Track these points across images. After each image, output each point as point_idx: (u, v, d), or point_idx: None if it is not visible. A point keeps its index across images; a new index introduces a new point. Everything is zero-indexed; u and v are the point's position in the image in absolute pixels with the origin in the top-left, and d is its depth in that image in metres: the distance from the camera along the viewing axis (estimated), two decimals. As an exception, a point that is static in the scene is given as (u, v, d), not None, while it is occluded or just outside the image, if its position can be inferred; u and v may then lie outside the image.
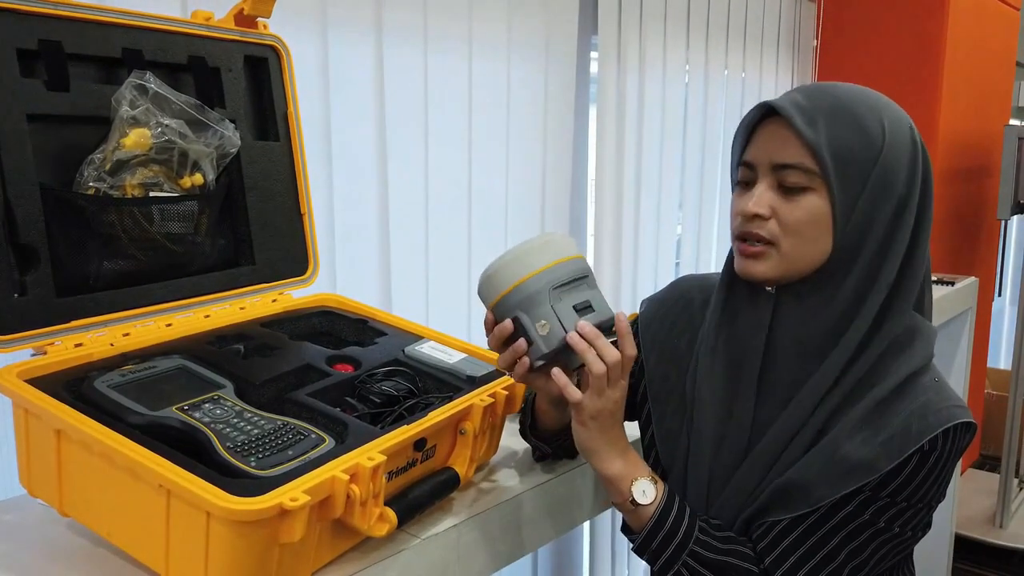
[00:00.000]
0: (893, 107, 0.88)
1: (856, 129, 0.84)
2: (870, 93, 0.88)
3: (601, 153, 2.03)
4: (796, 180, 0.85)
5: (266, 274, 1.11)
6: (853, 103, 0.85)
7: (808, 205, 0.84)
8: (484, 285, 0.88)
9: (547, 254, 0.86)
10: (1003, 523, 3.08)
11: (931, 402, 0.85)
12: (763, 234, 0.86)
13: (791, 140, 0.85)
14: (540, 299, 0.84)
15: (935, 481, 0.84)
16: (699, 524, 0.88)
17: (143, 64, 0.97)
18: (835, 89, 0.87)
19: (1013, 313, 3.59)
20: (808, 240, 0.85)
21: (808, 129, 0.83)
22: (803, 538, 0.85)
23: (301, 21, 1.36)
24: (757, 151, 0.88)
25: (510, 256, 0.86)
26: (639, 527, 0.88)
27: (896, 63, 2.83)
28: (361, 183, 1.50)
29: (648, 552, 0.87)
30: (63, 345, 0.89)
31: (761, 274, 0.87)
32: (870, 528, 0.84)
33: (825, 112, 0.84)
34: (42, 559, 0.82)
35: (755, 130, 0.89)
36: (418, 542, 0.86)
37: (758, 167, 0.88)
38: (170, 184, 0.98)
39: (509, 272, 0.86)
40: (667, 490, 0.89)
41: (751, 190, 0.88)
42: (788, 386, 0.88)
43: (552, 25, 1.83)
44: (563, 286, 0.85)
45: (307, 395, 0.89)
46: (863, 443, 0.83)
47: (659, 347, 1.00)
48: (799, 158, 0.84)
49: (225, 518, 0.68)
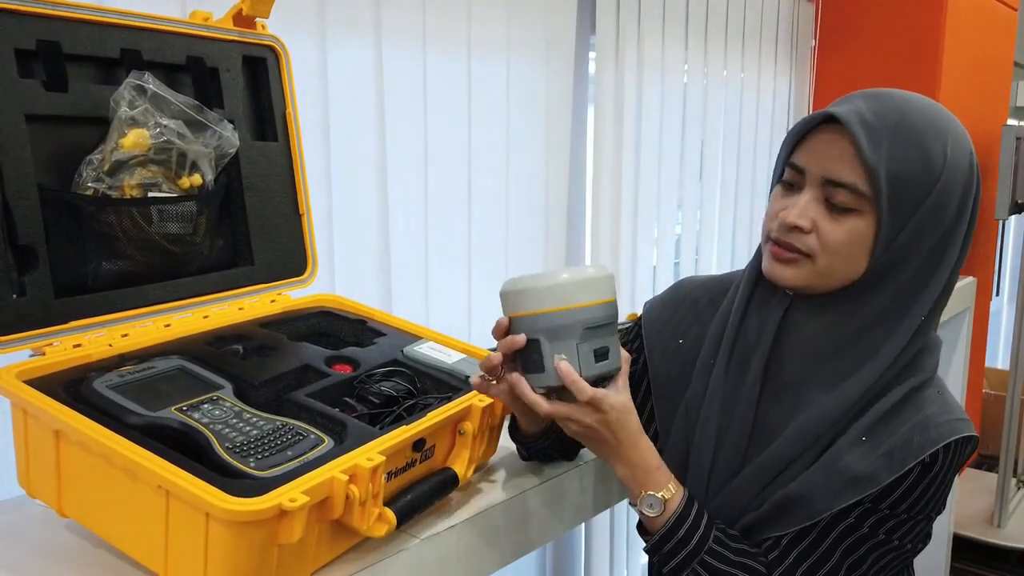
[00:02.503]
0: (957, 129, 0.84)
1: (918, 154, 0.80)
2: (937, 111, 0.84)
3: (599, 153, 2.03)
4: (844, 200, 0.82)
5: (265, 275, 1.11)
6: (920, 123, 0.81)
7: (852, 227, 0.82)
8: (515, 296, 0.85)
9: (592, 291, 0.83)
10: (1001, 523, 3.09)
11: (934, 415, 0.84)
12: (800, 247, 0.84)
13: (849, 156, 0.81)
14: (569, 334, 0.82)
15: (935, 493, 0.84)
16: (714, 534, 0.87)
17: (141, 64, 0.97)
18: (903, 103, 0.83)
19: (1011, 313, 3.59)
20: (844, 260, 0.84)
21: (870, 150, 0.80)
22: (807, 552, 0.85)
23: (300, 21, 1.36)
24: (810, 157, 0.84)
25: (552, 280, 0.83)
26: (652, 530, 0.88)
27: (894, 63, 2.84)
28: (360, 183, 1.50)
29: (659, 555, 0.88)
30: (62, 346, 0.89)
31: (790, 280, 0.86)
32: (871, 540, 0.84)
33: (890, 131, 0.80)
34: (41, 560, 0.81)
35: (812, 131, 0.85)
36: (417, 542, 0.86)
37: (807, 174, 0.84)
38: (168, 185, 0.97)
39: (548, 295, 0.83)
40: (685, 498, 0.88)
41: (795, 195, 0.85)
42: (793, 388, 0.88)
43: (550, 25, 1.83)
44: (593, 328, 0.83)
45: (306, 396, 0.89)
46: (865, 455, 0.83)
47: (662, 345, 1.00)
48: (853, 178, 0.81)
49: (224, 519, 0.68)
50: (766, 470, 0.88)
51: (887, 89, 0.86)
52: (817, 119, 0.84)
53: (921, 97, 0.85)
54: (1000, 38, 3.29)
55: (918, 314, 0.85)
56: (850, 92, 0.88)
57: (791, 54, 2.83)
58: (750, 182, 2.69)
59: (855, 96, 0.85)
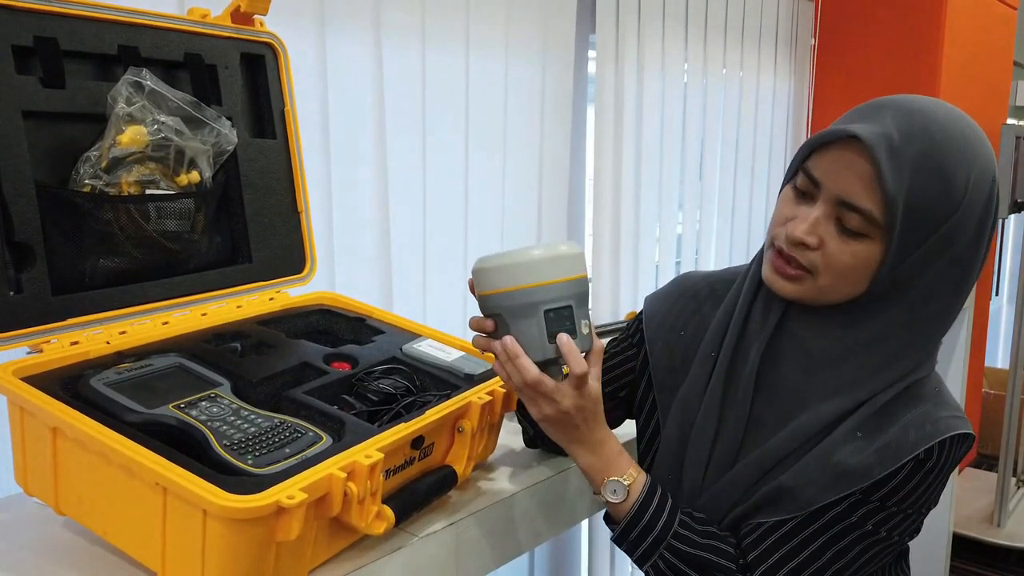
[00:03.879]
0: (985, 155, 0.81)
1: (940, 185, 0.78)
2: (968, 135, 0.80)
3: (599, 152, 2.03)
4: (856, 225, 0.80)
5: (263, 272, 1.11)
6: (948, 150, 0.78)
7: (859, 250, 0.81)
8: (482, 275, 0.85)
9: (564, 267, 0.84)
10: (1001, 522, 3.09)
11: (930, 412, 0.84)
12: (804, 262, 0.83)
13: (868, 180, 0.78)
14: (535, 310, 0.83)
15: (927, 488, 0.84)
16: (680, 518, 0.87)
17: (139, 61, 0.97)
18: (934, 126, 0.79)
19: (1010, 312, 3.59)
20: (846, 281, 0.83)
21: (892, 179, 0.77)
22: (788, 536, 0.85)
23: (298, 18, 1.35)
24: (827, 173, 0.81)
25: (513, 259, 0.83)
26: (618, 518, 0.88)
27: (893, 62, 2.84)
28: (358, 181, 1.50)
29: (626, 543, 0.88)
30: (59, 343, 0.89)
31: (788, 293, 0.86)
32: (857, 531, 0.83)
33: (915, 159, 0.77)
34: (38, 558, 0.81)
35: (835, 141, 0.81)
36: (416, 540, 0.86)
37: (823, 188, 0.82)
38: (166, 182, 0.97)
39: (508, 274, 0.83)
40: (647, 484, 0.88)
41: (806, 205, 0.83)
42: (789, 392, 0.88)
43: (550, 24, 1.83)
44: (555, 309, 0.84)
45: (304, 393, 0.89)
46: (858, 450, 0.83)
47: (663, 339, 1.00)
48: (869, 205, 0.79)
49: (222, 516, 0.67)
50: (759, 467, 0.87)
51: (923, 101, 0.81)
52: (843, 135, 0.80)
53: (954, 115, 0.81)
54: (1000, 37, 3.29)
55: (923, 334, 0.84)
56: (879, 97, 0.84)
57: (791, 53, 2.83)
58: (749, 181, 2.69)
59: (888, 107, 0.81)
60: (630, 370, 1.04)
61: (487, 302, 0.85)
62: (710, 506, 0.91)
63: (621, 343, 1.06)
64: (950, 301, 0.85)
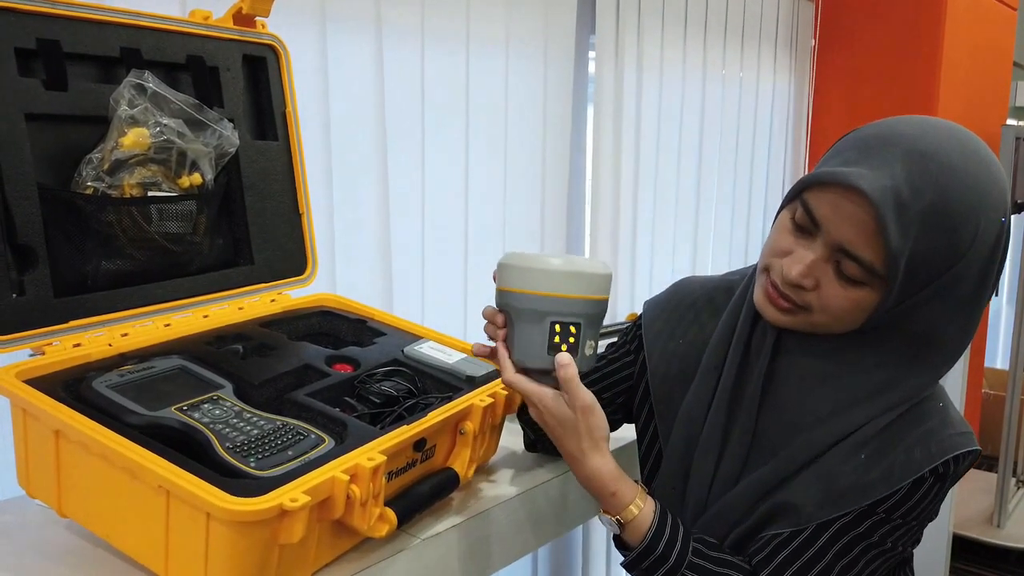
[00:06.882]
0: (995, 194, 0.77)
1: (947, 239, 0.75)
2: (980, 178, 0.76)
3: (598, 152, 2.03)
4: (855, 273, 0.78)
5: (265, 274, 1.11)
6: (959, 201, 0.75)
7: (857, 297, 0.80)
8: (503, 270, 0.86)
9: (581, 285, 0.84)
10: (1001, 523, 3.08)
11: (935, 430, 0.83)
12: (798, 300, 0.83)
13: (871, 232, 0.75)
14: (541, 319, 0.84)
15: (931, 501, 0.84)
16: (693, 546, 0.85)
17: (141, 63, 0.97)
18: (945, 172, 0.74)
19: (1010, 313, 3.59)
20: (843, 322, 0.83)
21: (897, 236, 0.74)
22: (800, 551, 0.84)
23: (300, 20, 1.36)
24: (829, 217, 0.78)
25: (534, 263, 0.84)
26: (632, 544, 0.87)
27: (893, 63, 2.84)
28: (360, 182, 1.50)
29: (638, 571, 0.87)
30: (61, 345, 0.89)
31: (783, 324, 0.86)
32: (865, 541, 0.83)
33: (923, 214, 0.74)
34: (41, 560, 0.81)
35: (839, 183, 0.77)
36: (418, 542, 0.86)
37: (823, 232, 0.79)
38: (168, 184, 0.97)
39: (523, 277, 0.84)
40: (658, 511, 0.86)
41: (804, 241, 0.81)
42: (793, 411, 0.87)
43: (550, 24, 1.83)
44: (562, 323, 0.84)
45: (306, 395, 0.89)
46: (862, 468, 0.82)
47: (661, 347, 1.00)
48: (871, 258, 0.76)
49: (225, 519, 0.67)
50: (764, 485, 0.87)
51: (936, 136, 0.77)
52: (847, 183, 0.75)
53: (968, 150, 0.76)
54: (1000, 37, 3.29)
55: (926, 362, 0.84)
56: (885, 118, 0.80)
57: (791, 53, 2.83)
58: (748, 181, 2.69)
59: (898, 145, 0.76)
60: (628, 376, 1.04)
61: (501, 297, 0.87)
62: (715, 523, 0.90)
63: (619, 348, 1.06)
64: (954, 335, 0.84)
